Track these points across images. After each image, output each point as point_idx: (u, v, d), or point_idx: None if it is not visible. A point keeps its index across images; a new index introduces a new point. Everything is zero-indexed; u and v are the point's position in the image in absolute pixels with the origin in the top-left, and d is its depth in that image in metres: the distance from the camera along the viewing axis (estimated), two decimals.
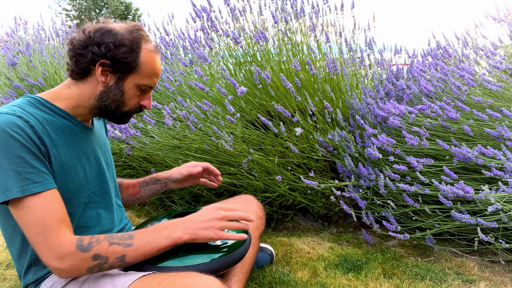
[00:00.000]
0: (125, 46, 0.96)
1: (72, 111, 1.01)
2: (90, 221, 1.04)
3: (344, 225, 2.18)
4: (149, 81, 1.02)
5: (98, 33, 0.96)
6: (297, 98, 1.99)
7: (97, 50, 0.95)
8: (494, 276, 1.52)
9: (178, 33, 3.10)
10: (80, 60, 0.96)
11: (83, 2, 26.46)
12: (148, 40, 1.01)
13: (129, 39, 0.96)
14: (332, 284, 1.47)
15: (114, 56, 0.95)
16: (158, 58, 1.05)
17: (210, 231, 0.94)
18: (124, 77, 0.99)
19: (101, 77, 0.97)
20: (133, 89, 1.01)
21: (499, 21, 2.30)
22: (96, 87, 0.99)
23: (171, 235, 0.92)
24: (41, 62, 3.56)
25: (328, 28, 2.70)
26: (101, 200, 1.09)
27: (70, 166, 0.97)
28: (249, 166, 1.97)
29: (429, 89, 1.98)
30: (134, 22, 1.03)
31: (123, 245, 0.88)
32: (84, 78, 0.99)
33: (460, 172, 1.69)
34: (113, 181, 1.18)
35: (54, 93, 1.01)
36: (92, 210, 1.05)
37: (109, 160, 1.18)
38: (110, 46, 0.94)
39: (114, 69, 0.97)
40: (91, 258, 0.85)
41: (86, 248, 0.85)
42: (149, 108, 1.08)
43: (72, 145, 0.99)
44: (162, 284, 0.85)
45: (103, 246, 0.86)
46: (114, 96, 0.99)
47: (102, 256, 0.86)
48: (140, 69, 0.99)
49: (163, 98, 2.64)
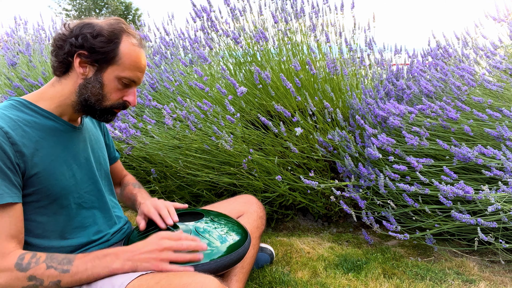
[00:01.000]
0: (103, 36, 0.95)
1: (57, 110, 1.00)
2: (86, 221, 1.04)
3: (344, 225, 2.18)
4: (130, 74, 1.00)
5: (78, 26, 0.96)
6: (297, 98, 1.99)
7: (74, 41, 0.95)
8: (494, 276, 1.52)
9: (178, 33, 3.10)
10: (59, 52, 0.97)
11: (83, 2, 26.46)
12: (130, 34, 1.00)
13: (108, 30, 0.96)
14: (332, 284, 1.47)
15: (92, 46, 0.94)
16: (142, 53, 1.02)
17: (151, 263, 0.90)
18: (103, 68, 0.97)
19: (79, 69, 0.97)
20: (114, 82, 0.99)
21: (499, 21, 2.30)
22: (76, 81, 0.98)
23: (110, 265, 0.89)
24: (41, 62, 3.56)
25: (328, 28, 2.70)
26: (95, 199, 1.08)
27: (55, 168, 0.96)
28: (249, 166, 1.97)
29: (429, 89, 1.98)
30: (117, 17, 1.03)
31: (60, 270, 0.86)
32: (66, 74, 0.99)
33: (460, 172, 1.69)
34: (106, 179, 1.17)
35: (39, 94, 1.00)
36: (87, 210, 1.05)
37: (102, 158, 1.16)
38: (87, 36, 0.94)
39: (92, 60, 0.96)
40: (26, 279, 0.84)
41: (24, 268, 0.84)
42: (134, 104, 1.04)
43: (57, 146, 0.98)
44: (160, 283, 0.85)
45: (40, 269, 0.85)
46: (93, 88, 0.98)
47: (38, 278, 0.85)
48: (120, 60, 0.97)
49: (163, 98, 2.64)
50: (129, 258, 0.91)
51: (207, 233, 1.05)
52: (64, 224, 0.99)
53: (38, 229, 0.96)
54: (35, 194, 0.93)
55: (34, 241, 0.95)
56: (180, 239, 0.96)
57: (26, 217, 0.93)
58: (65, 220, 0.99)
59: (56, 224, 0.98)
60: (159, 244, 0.93)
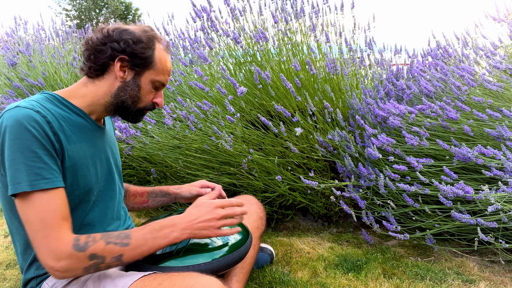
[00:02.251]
0: (143, 42, 1.01)
1: (87, 109, 1.03)
2: (95, 220, 1.05)
3: (344, 225, 2.18)
4: (162, 77, 1.07)
5: (117, 31, 1.01)
6: (297, 98, 1.99)
7: (116, 46, 0.99)
8: (494, 276, 1.52)
9: (178, 33, 3.10)
10: (99, 56, 1.00)
11: (83, 2, 26.45)
12: (160, 40, 1.07)
13: (146, 36, 1.02)
14: (332, 284, 1.47)
15: (133, 51, 1.00)
16: (169, 57, 1.10)
17: (209, 230, 0.95)
18: (141, 72, 1.03)
19: (119, 72, 1.01)
20: (149, 85, 1.05)
21: (499, 21, 2.30)
22: (113, 84, 1.02)
23: (169, 235, 0.92)
24: (41, 62, 3.56)
25: (328, 28, 2.70)
26: (108, 199, 1.10)
27: (83, 164, 0.98)
28: (249, 166, 1.97)
29: (429, 89, 1.98)
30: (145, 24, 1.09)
31: (120, 245, 0.88)
32: (101, 76, 1.02)
33: (460, 172, 1.69)
34: (120, 181, 1.19)
35: (70, 90, 1.03)
36: (98, 208, 1.06)
37: (118, 161, 1.19)
38: (129, 42, 1.00)
39: (133, 64, 1.01)
40: (87, 258, 0.85)
41: (83, 247, 0.85)
42: (161, 105, 1.11)
43: (86, 143, 1.01)
44: (163, 284, 0.85)
45: (100, 246, 0.86)
46: (132, 91, 1.03)
47: (99, 255, 0.86)
48: (156, 65, 1.04)
49: (163, 98, 2.63)
50: (187, 227, 0.94)
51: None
52: (77, 221, 1.00)
53: None
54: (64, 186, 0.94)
55: None
56: (231, 204, 1.01)
57: None
58: (79, 217, 1.00)
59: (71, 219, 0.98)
60: (216, 213, 0.97)
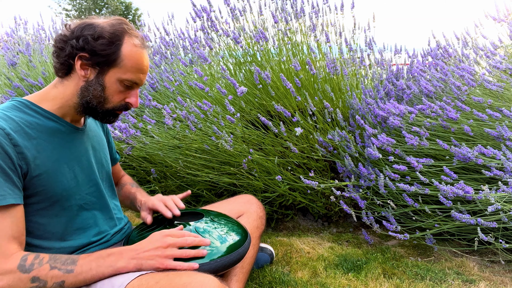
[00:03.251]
0: (104, 38, 0.94)
1: (59, 111, 0.99)
2: (86, 223, 1.04)
3: (344, 225, 2.18)
4: (132, 76, 0.99)
5: (79, 27, 0.95)
6: (297, 98, 1.99)
7: (75, 43, 0.94)
8: (494, 276, 1.52)
9: (178, 33, 3.10)
10: (61, 54, 0.96)
11: (83, 2, 26.46)
12: (132, 35, 0.99)
13: (109, 31, 0.95)
14: (332, 284, 1.47)
15: (93, 49, 0.93)
16: (145, 54, 1.01)
17: (155, 261, 0.90)
18: (104, 71, 0.96)
19: (81, 71, 0.96)
20: (115, 84, 0.98)
21: (499, 21, 2.30)
22: (78, 83, 0.98)
23: (114, 264, 0.89)
24: (41, 62, 3.55)
25: (328, 28, 2.70)
26: (96, 201, 1.08)
27: (56, 169, 0.95)
28: (249, 166, 1.97)
29: (429, 89, 1.98)
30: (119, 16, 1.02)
31: (64, 271, 0.86)
32: (68, 75, 0.98)
33: (460, 172, 1.69)
34: (108, 181, 1.17)
35: (41, 94, 1.00)
36: (88, 212, 1.05)
37: (104, 160, 1.16)
38: (88, 38, 0.93)
39: (93, 62, 0.95)
40: (30, 280, 0.83)
41: (27, 269, 0.83)
42: (136, 106, 1.03)
43: (59, 147, 0.98)
44: (160, 283, 0.84)
45: (44, 270, 0.85)
46: (95, 91, 0.97)
47: (41, 279, 0.84)
48: (122, 62, 0.96)
49: (163, 98, 2.64)
50: (134, 256, 0.90)
51: (207, 233, 1.05)
52: (65, 226, 0.99)
53: (39, 231, 0.96)
54: (36, 195, 0.93)
55: (34, 242, 0.95)
56: (183, 235, 0.96)
57: (27, 218, 0.92)
58: (66, 222, 0.99)
59: (57, 226, 0.98)
60: (163, 241, 0.92)
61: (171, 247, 0.92)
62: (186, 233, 0.98)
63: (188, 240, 0.95)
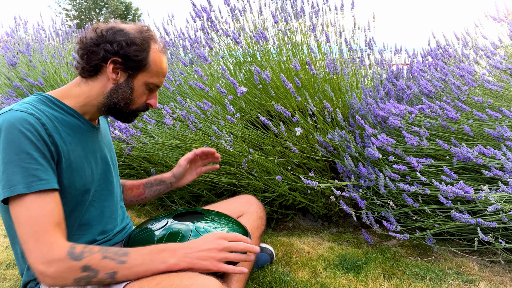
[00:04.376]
0: (137, 45, 0.98)
1: (81, 109, 1.02)
2: (93, 219, 1.05)
3: (344, 225, 2.18)
4: (157, 80, 1.05)
5: (110, 31, 0.98)
6: (297, 98, 1.99)
7: (109, 47, 0.97)
8: (494, 276, 1.52)
9: (178, 33, 3.10)
10: (92, 57, 0.98)
11: (83, 2, 26.45)
12: (156, 41, 1.05)
13: (140, 38, 0.99)
14: (332, 284, 1.47)
15: (126, 54, 0.98)
16: (165, 58, 1.08)
17: (209, 262, 0.89)
18: (134, 75, 1.01)
19: (112, 75, 0.99)
20: (142, 87, 1.04)
21: (499, 21, 2.30)
22: (106, 85, 1.01)
23: (168, 261, 0.88)
24: (41, 62, 3.55)
25: (328, 28, 2.70)
26: (105, 198, 1.09)
27: (78, 164, 0.97)
28: (249, 166, 1.97)
29: (429, 89, 1.98)
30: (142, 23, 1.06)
31: (117, 261, 0.84)
32: (94, 76, 1.01)
33: (460, 172, 1.69)
34: (116, 180, 1.19)
35: (64, 91, 1.02)
36: (95, 208, 1.06)
37: (114, 159, 1.19)
38: (122, 44, 0.97)
39: (125, 67, 0.99)
40: (80, 269, 0.81)
41: (78, 256, 0.81)
42: (155, 107, 1.10)
43: (80, 143, 1.00)
44: (161, 284, 0.84)
45: (96, 258, 0.83)
46: (124, 93, 1.02)
47: (93, 268, 0.82)
48: (150, 67, 1.02)
49: (163, 98, 2.64)
50: (187, 255, 0.89)
51: (207, 233, 1.05)
52: (74, 221, 1.00)
53: None
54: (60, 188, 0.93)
55: None
56: (237, 239, 0.95)
57: None
58: (76, 217, 1.00)
59: (69, 220, 0.98)
60: (218, 243, 0.92)
61: (224, 251, 0.91)
62: (239, 237, 0.97)
63: (241, 246, 0.94)
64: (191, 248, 0.91)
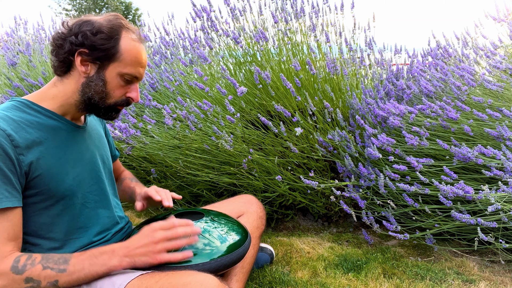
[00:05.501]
0: (103, 33, 0.94)
1: (59, 110, 0.99)
2: (89, 221, 1.04)
3: (344, 225, 2.18)
4: (132, 70, 0.99)
5: (76, 24, 0.96)
6: (297, 98, 1.99)
7: (74, 39, 0.94)
8: (494, 276, 1.52)
9: (178, 33, 3.10)
10: (59, 52, 0.96)
11: (83, 2, 26.46)
12: (129, 29, 0.99)
13: (107, 26, 0.95)
14: (332, 284, 1.47)
15: (92, 44, 0.94)
16: (143, 48, 1.02)
17: (148, 256, 0.90)
18: (105, 65, 0.97)
19: (81, 67, 0.96)
20: (116, 79, 0.98)
21: (499, 21, 2.30)
22: (78, 80, 0.98)
23: (107, 263, 0.89)
24: (41, 62, 3.55)
25: (328, 28, 2.70)
26: (98, 199, 1.08)
27: (58, 168, 0.95)
28: (249, 166, 1.97)
29: (429, 89, 1.98)
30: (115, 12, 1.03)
31: (56, 270, 0.86)
32: (67, 73, 0.98)
33: (460, 172, 1.69)
34: (110, 179, 1.17)
35: (40, 93, 1.00)
36: (90, 210, 1.05)
37: (106, 157, 1.16)
38: (87, 34, 0.93)
39: (94, 57, 0.95)
40: (23, 281, 0.84)
41: (20, 270, 0.84)
42: (137, 100, 1.04)
43: (61, 145, 0.98)
44: (160, 282, 0.84)
45: (37, 270, 0.85)
46: (96, 86, 0.97)
47: (35, 279, 0.84)
48: (121, 56, 0.97)
49: (163, 98, 2.64)
50: (126, 254, 0.90)
51: (207, 233, 1.05)
52: (67, 225, 0.99)
53: (42, 230, 0.96)
54: (39, 195, 0.93)
55: (37, 241, 0.95)
56: (173, 226, 0.95)
57: (30, 218, 0.93)
58: (68, 221, 0.99)
59: (60, 225, 0.98)
60: (154, 236, 0.92)
61: (162, 241, 0.92)
62: (176, 222, 0.96)
63: (179, 231, 0.94)
64: (128, 246, 0.91)
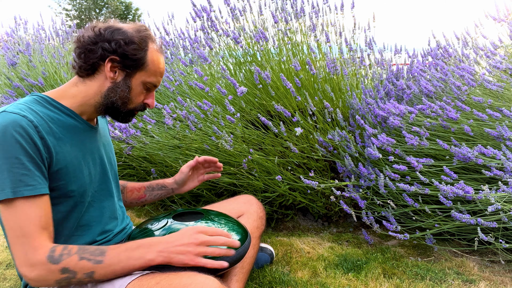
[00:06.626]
0: (135, 43, 0.99)
1: (78, 109, 1.02)
2: (92, 220, 1.05)
3: (344, 225, 2.18)
4: (154, 79, 1.05)
5: (109, 30, 0.98)
6: (297, 98, 1.99)
7: (107, 46, 0.97)
8: (494, 276, 1.52)
9: (178, 33, 3.10)
10: (90, 56, 0.98)
11: (83, 2, 26.45)
12: (154, 40, 1.05)
13: (138, 37, 1.00)
14: (332, 284, 1.47)
15: (124, 52, 0.98)
16: (163, 58, 1.08)
17: (186, 256, 0.89)
18: (132, 73, 1.01)
19: (110, 73, 0.99)
20: (140, 87, 1.04)
21: (499, 21, 2.30)
22: (103, 84, 1.01)
23: (144, 256, 0.88)
24: (41, 62, 3.56)
25: (328, 28, 2.70)
26: (104, 199, 1.09)
27: (75, 165, 0.97)
28: (249, 166, 1.97)
29: (429, 89, 1.98)
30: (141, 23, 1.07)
31: (93, 262, 0.86)
32: (91, 75, 1.00)
33: (460, 172, 1.69)
34: (115, 180, 1.19)
35: (61, 91, 1.02)
36: (95, 209, 1.06)
37: (112, 159, 1.19)
38: (120, 42, 0.97)
39: (123, 65, 0.99)
40: (59, 271, 0.84)
41: (56, 260, 0.84)
42: (153, 106, 1.09)
43: (78, 143, 1.00)
44: (160, 283, 0.85)
45: (73, 260, 0.84)
46: (122, 92, 1.01)
47: (71, 270, 0.84)
48: (147, 66, 1.02)
49: (163, 98, 2.64)
50: (164, 249, 0.90)
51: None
52: (73, 222, 1.00)
53: None
54: (55, 190, 0.93)
55: None
56: (216, 233, 0.95)
57: None
58: (75, 218, 1.00)
59: (68, 221, 0.99)
60: (196, 237, 0.91)
61: (203, 245, 0.91)
62: (219, 231, 0.96)
63: (221, 240, 0.94)
64: (168, 242, 0.91)
